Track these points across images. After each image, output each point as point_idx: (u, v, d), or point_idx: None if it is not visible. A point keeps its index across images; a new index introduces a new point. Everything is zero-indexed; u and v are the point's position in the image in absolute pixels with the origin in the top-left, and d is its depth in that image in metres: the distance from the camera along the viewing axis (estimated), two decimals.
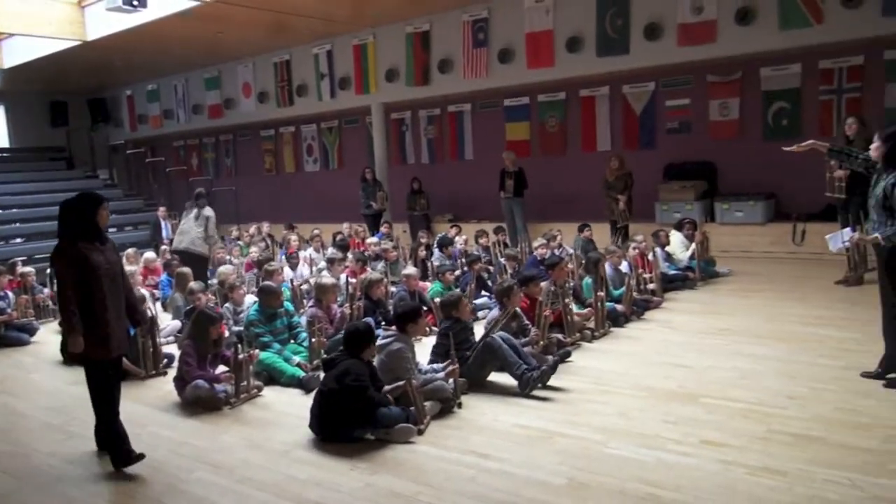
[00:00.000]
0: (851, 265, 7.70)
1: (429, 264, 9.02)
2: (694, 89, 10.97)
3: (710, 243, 9.12)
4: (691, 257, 8.47)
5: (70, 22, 11.86)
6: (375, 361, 4.71)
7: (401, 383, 4.48)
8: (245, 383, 5.19)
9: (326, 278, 6.59)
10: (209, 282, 8.40)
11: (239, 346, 5.18)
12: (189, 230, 8.79)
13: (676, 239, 8.76)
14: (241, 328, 6.00)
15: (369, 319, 6.08)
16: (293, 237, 10.59)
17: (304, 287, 8.21)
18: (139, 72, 16.48)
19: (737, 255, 10.02)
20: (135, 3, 9.38)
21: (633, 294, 7.02)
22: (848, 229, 5.54)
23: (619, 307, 6.75)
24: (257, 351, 5.39)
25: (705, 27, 9.57)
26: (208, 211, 8.88)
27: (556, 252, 8.68)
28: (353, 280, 7.34)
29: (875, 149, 4.59)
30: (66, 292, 3.98)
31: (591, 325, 6.44)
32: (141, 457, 4.05)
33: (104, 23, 11.44)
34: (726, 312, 6.96)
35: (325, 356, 5.08)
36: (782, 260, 9.69)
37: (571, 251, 9.03)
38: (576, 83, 11.77)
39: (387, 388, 4.49)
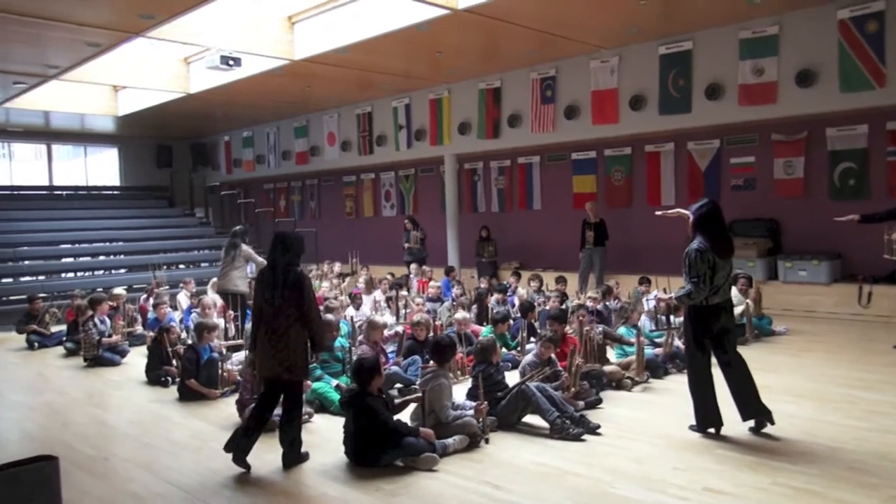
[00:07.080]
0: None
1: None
2: (758, 147, 11.04)
3: (772, 301, 9.08)
4: (741, 314, 8.50)
5: (176, 77, 13.26)
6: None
7: (414, 396, 5.13)
8: None
9: (377, 317, 7.12)
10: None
11: None
12: (226, 272, 9.16)
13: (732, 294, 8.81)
14: None
15: (415, 357, 6.63)
16: (360, 279, 11.23)
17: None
18: (235, 120, 17.94)
19: (799, 315, 9.93)
20: (231, 62, 10.43)
21: (676, 343, 7.12)
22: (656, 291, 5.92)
23: (658, 354, 6.95)
24: (309, 382, 5.94)
25: (766, 88, 9.76)
26: (243, 250, 9.18)
27: (610, 304, 8.97)
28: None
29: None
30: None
31: (632, 373, 6.66)
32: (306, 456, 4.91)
33: (206, 78, 12.70)
34: (771, 370, 6.99)
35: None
36: (846, 321, 9.54)
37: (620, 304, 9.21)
38: (641, 139, 12.05)
39: (398, 400, 5.22)
